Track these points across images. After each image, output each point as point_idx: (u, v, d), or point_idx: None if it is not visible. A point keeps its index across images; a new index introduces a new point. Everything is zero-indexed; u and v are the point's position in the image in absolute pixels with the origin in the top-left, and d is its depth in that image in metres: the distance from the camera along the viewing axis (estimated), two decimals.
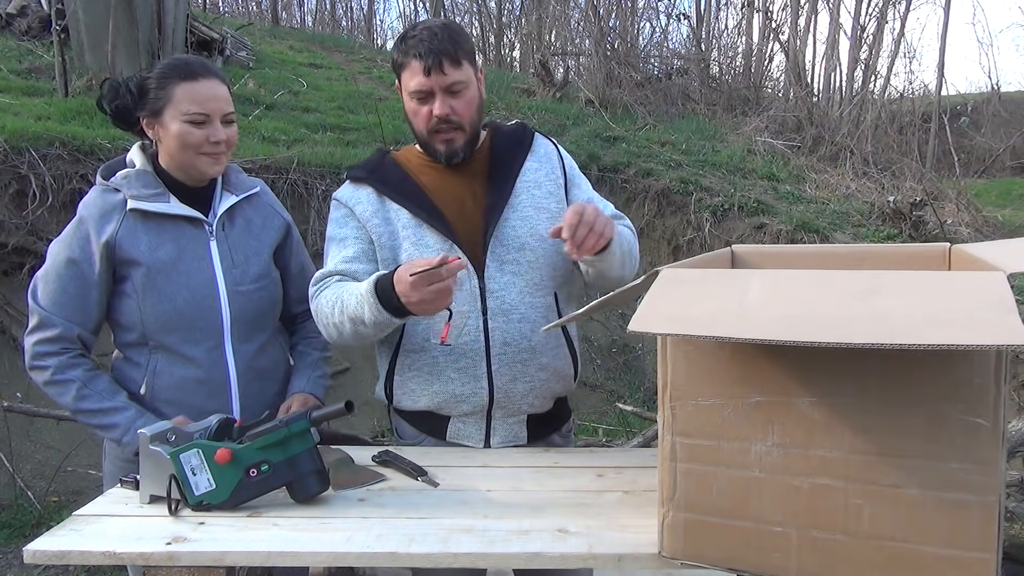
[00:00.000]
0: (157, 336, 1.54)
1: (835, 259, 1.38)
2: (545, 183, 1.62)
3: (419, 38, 1.51)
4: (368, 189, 1.60)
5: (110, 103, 1.57)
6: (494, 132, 1.68)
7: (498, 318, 1.54)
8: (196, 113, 1.51)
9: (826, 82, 10.92)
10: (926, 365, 0.89)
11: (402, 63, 1.54)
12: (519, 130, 1.69)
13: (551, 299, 1.59)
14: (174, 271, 1.54)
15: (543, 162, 1.64)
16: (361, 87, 6.93)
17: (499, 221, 1.55)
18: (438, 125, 1.53)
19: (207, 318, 1.56)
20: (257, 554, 1.11)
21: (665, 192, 5.79)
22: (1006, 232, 6.40)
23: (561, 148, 1.70)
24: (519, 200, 1.58)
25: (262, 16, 12.80)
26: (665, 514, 1.05)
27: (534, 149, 1.65)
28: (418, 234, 1.55)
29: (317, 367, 1.73)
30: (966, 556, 0.89)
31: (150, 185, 1.55)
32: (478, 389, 1.54)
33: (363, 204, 1.59)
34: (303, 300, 1.74)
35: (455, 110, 1.52)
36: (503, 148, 1.63)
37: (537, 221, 1.57)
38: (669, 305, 0.95)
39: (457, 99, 1.53)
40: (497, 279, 1.54)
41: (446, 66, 1.50)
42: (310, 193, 4.63)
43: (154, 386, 1.55)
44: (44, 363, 1.51)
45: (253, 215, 1.67)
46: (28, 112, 4.41)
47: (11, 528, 3.10)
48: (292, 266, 1.75)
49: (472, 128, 1.56)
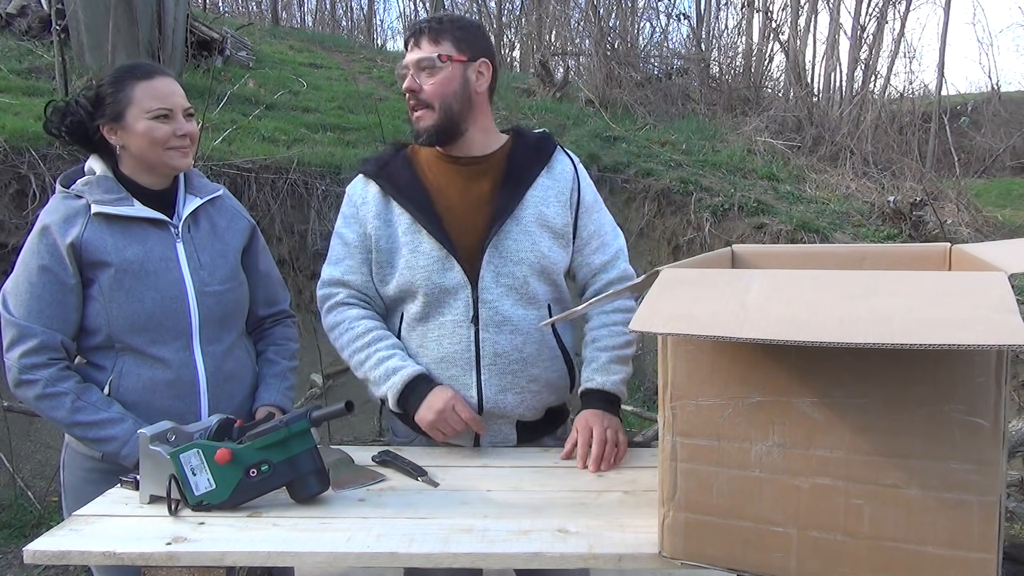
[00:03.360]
0: (124, 338, 1.52)
1: (835, 259, 1.38)
2: (554, 202, 1.59)
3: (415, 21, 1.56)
4: (375, 187, 1.60)
5: (59, 125, 1.56)
6: (517, 138, 1.65)
7: (490, 329, 1.54)
8: (160, 108, 1.52)
9: (826, 82, 10.93)
10: (926, 365, 0.89)
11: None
12: (542, 141, 1.66)
13: (545, 312, 1.59)
14: (142, 272, 1.52)
15: (557, 180, 1.61)
16: (361, 87, 6.93)
17: (500, 232, 1.54)
18: (409, 100, 1.54)
19: (175, 319, 1.55)
20: (257, 554, 1.11)
21: (665, 192, 5.79)
22: (1006, 232, 6.40)
23: (580, 168, 1.66)
24: (525, 213, 1.56)
25: (262, 16, 12.80)
26: (665, 514, 1.05)
27: (552, 165, 1.62)
28: (416, 240, 1.55)
29: (285, 378, 1.72)
30: (966, 556, 0.89)
31: (112, 190, 1.54)
32: (467, 398, 1.54)
33: (368, 204, 1.60)
34: (270, 303, 1.76)
35: (422, 87, 1.51)
36: (521, 157, 1.61)
37: (539, 237, 1.56)
38: (669, 305, 0.95)
39: (427, 77, 1.51)
40: (492, 290, 1.54)
41: (422, 41, 1.51)
42: (310, 193, 4.62)
43: (120, 387, 1.52)
44: (33, 376, 1.46)
45: (218, 217, 1.67)
46: (28, 112, 4.41)
47: (11, 528, 3.09)
48: (258, 268, 1.73)
49: (444, 112, 1.52)
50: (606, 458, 1.46)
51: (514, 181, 1.58)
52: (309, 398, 3.92)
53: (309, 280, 4.59)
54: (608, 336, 1.60)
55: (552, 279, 1.59)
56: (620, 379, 1.58)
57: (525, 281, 1.55)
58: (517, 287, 1.55)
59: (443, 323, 1.55)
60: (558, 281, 1.61)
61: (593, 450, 1.46)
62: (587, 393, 1.57)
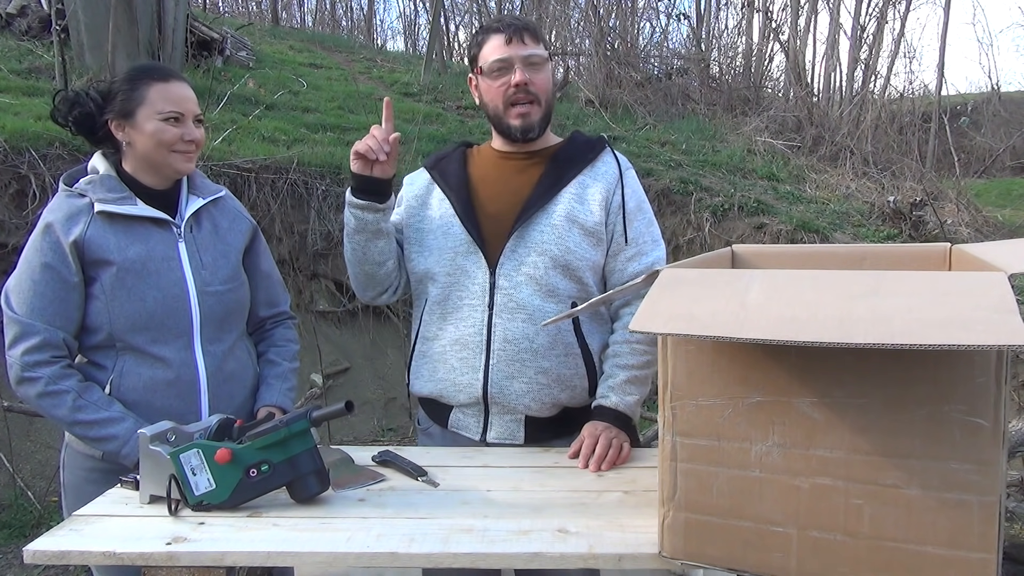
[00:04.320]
0: (126, 337, 1.52)
1: (835, 259, 1.38)
2: (591, 200, 1.61)
3: (500, 19, 1.61)
4: (426, 175, 1.72)
5: (66, 115, 1.57)
6: (570, 140, 1.70)
7: (503, 315, 1.56)
8: (172, 111, 1.53)
9: (826, 82, 10.92)
10: (926, 365, 0.89)
11: (482, 40, 1.61)
12: (592, 142, 1.70)
13: (565, 307, 1.58)
14: (144, 271, 1.53)
15: (598, 180, 1.63)
16: (361, 87, 6.93)
17: (528, 223, 1.57)
18: (515, 95, 1.58)
19: (177, 318, 1.55)
20: (257, 554, 1.11)
21: (665, 192, 5.79)
22: (1006, 232, 6.40)
23: (627, 172, 1.66)
24: (556, 208, 1.59)
25: (262, 16, 12.81)
26: (665, 514, 1.05)
27: (595, 165, 1.65)
28: (448, 224, 1.62)
29: (286, 379, 1.73)
30: (966, 556, 0.89)
31: (115, 189, 1.55)
32: (473, 380, 1.57)
33: (414, 187, 1.72)
34: (271, 304, 1.77)
35: (533, 81, 1.57)
36: (567, 154, 1.66)
37: (567, 233, 1.58)
38: (670, 305, 0.95)
39: (535, 72, 1.57)
40: (511, 277, 1.56)
41: (527, 38, 1.57)
42: (310, 193, 4.62)
43: (120, 387, 1.53)
44: (36, 374, 1.46)
45: (220, 218, 1.68)
46: (28, 112, 4.41)
47: (11, 528, 3.10)
48: (259, 269, 1.74)
49: (547, 107, 1.61)
50: (608, 459, 1.46)
51: (554, 177, 1.62)
52: (309, 398, 3.92)
53: (309, 280, 4.60)
54: (629, 354, 1.60)
55: (577, 275, 1.59)
56: (635, 400, 1.58)
57: (545, 272, 1.56)
58: (537, 277, 1.56)
59: (460, 306, 1.60)
60: (584, 279, 1.60)
61: (597, 451, 1.47)
62: (600, 409, 1.58)
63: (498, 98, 1.59)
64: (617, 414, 1.55)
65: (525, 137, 1.60)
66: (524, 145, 1.64)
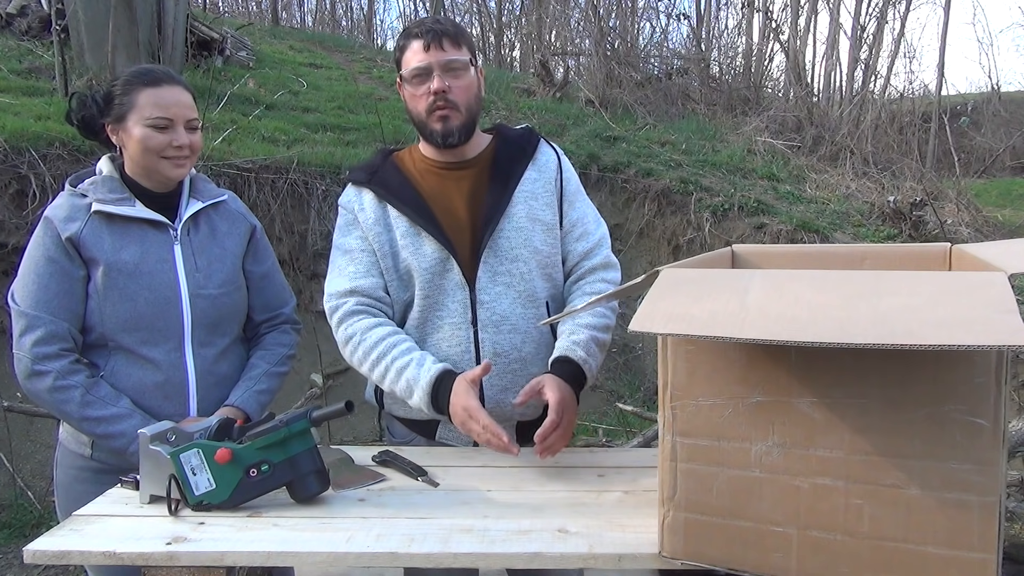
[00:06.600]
0: (116, 336, 1.53)
1: (835, 259, 1.38)
2: (542, 194, 1.61)
3: (420, 23, 1.56)
4: (370, 194, 1.60)
5: (77, 115, 1.59)
6: (500, 136, 1.66)
7: (488, 329, 1.54)
8: (159, 117, 1.53)
9: (826, 82, 10.93)
10: (926, 365, 0.89)
11: (403, 46, 1.56)
12: (524, 136, 1.67)
13: (543, 310, 1.59)
14: (136, 272, 1.53)
15: (542, 172, 1.63)
16: (361, 87, 6.93)
17: (494, 232, 1.54)
18: (435, 103, 1.53)
19: (167, 320, 1.55)
20: (257, 554, 1.11)
21: (665, 192, 5.79)
22: (1006, 232, 6.40)
23: (563, 159, 1.68)
24: (515, 210, 1.57)
25: (262, 16, 12.80)
26: (665, 514, 1.05)
27: (536, 157, 1.64)
28: (416, 243, 1.55)
29: (260, 381, 1.67)
30: (966, 556, 0.89)
31: (115, 190, 1.56)
32: None
33: (366, 211, 1.59)
34: (266, 308, 1.74)
35: (452, 88, 1.52)
36: (506, 154, 1.62)
37: (532, 232, 1.57)
38: (670, 305, 0.95)
39: (455, 79, 1.53)
40: (489, 290, 1.54)
41: (445, 43, 1.52)
42: (310, 193, 4.62)
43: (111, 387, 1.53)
44: (46, 367, 1.47)
45: (219, 222, 1.68)
46: (28, 112, 4.41)
47: (11, 528, 3.10)
48: (255, 272, 1.72)
49: (469, 113, 1.55)
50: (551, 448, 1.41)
51: (502, 179, 1.59)
52: (309, 398, 3.92)
53: (309, 280, 4.60)
54: (590, 315, 1.57)
55: (549, 273, 1.59)
56: (597, 365, 1.54)
57: (523, 278, 1.55)
58: (515, 285, 1.55)
59: (442, 326, 1.55)
60: (555, 276, 1.61)
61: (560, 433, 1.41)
62: (566, 362, 1.51)
63: (420, 105, 1.54)
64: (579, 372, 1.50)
65: (445, 143, 1.54)
66: (455, 151, 1.58)
